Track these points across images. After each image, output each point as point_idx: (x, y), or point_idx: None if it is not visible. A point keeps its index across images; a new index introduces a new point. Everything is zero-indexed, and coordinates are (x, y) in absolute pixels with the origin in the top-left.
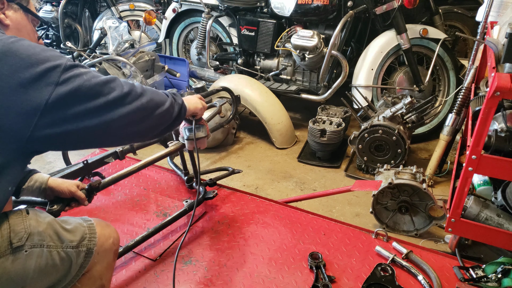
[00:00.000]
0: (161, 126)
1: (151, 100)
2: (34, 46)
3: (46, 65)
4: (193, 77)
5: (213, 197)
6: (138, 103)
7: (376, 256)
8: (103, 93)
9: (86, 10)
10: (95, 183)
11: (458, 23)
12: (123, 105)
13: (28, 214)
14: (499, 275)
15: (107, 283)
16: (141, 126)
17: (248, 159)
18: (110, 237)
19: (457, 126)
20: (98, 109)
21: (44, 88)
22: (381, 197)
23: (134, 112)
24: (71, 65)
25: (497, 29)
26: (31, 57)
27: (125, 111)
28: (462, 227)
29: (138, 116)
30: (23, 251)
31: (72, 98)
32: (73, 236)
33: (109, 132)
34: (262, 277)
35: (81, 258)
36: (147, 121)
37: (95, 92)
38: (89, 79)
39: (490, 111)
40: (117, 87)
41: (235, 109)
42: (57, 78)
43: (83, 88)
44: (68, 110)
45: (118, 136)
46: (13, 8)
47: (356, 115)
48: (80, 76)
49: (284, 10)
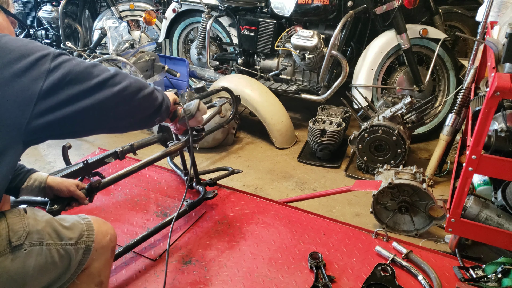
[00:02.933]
0: (149, 109)
1: (135, 82)
2: (20, 39)
3: (37, 54)
4: (193, 77)
5: (213, 197)
6: (124, 83)
7: (376, 256)
8: (94, 75)
9: (86, 10)
10: (95, 183)
11: (458, 23)
12: (112, 85)
13: (26, 213)
14: (499, 275)
15: (105, 280)
16: (130, 105)
17: (248, 159)
18: (107, 234)
19: (457, 126)
20: (91, 89)
21: (37, 76)
22: (381, 197)
23: (121, 90)
24: (59, 53)
25: (497, 29)
26: (21, 48)
27: (114, 90)
28: (462, 227)
29: (126, 95)
30: (23, 250)
31: (65, 82)
32: (72, 233)
33: (102, 111)
34: (262, 277)
35: (80, 255)
36: (135, 100)
37: (86, 74)
38: (77, 63)
39: (490, 111)
40: (104, 70)
41: (235, 109)
42: (48, 66)
43: (73, 72)
44: (62, 95)
45: (112, 117)
46: None
47: (356, 115)
48: (68, 61)
49: (284, 10)
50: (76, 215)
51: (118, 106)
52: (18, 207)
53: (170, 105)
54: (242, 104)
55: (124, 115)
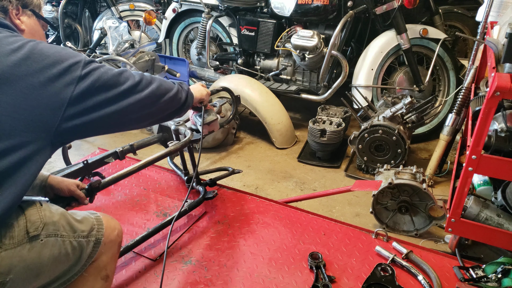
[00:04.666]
0: (171, 109)
1: (160, 86)
2: (54, 46)
3: (69, 61)
4: (193, 77)
5: (213, 197)
6: (149, 89)
7: (376, 256)
8: (120, 83)
9: (86, 10)
10: (95, 183)
11: (458, 23)
12: (137, 92)
13: (42, 205)
14: (499, 275)
15: (111, 274)
16: (153, 109)
17: (248, 159)
18: (115, 229)
19: (457, 126)
20: (116, 97)
21: (69, 82)
22: (381, 197)
23: (146, 97)
24: (89, 61)
25: (497, 29)
26: (55, 54)
27: (138, 97)
28: (462, 227)
29: (150, 100)
30: (39, 240)
31: (94, 89)
32: (84, 226)
33: (126, 116)
34: (262, 277)
35: (90, 247)
36: (158, 104)
37: (112, 82)
38: (105, 71)
39: (490, 111)
40: (130, 76)
41: (235, 109)
42: (79, 73)
43: (101, 80)
44: (90, 101)
45: (134, 120)
46: (27, 14)
47: (356, 115)
48: (97, 69)
49: (284, 10)
50: (85, 211)
51: (142, 110)
52: (33, 199)
53: (192, 103)
54: (242, 104)
55: (146, 118)
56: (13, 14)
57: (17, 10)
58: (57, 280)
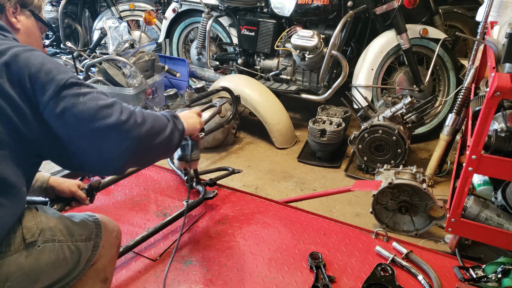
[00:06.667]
0: (159, 157)
1: (151, 129)
2: (45, 57)
3: (49, 76)
4: (193, 77)
5: (213, 197)
6: (136, 133)
7: (376, 256)
8: (96, 118)
9: (86, 10)
10: (95, 183)
11: (458, 23)
12: (119, 132)
13: (38, 211)
14: (499, 275)
15: (110, 276)
16: (136, 157)
17: (248, 159)
18: (114, 231)
19: (457, 126)
20: (89, 133)
21: (41, 98)
22: (381, 197)
23: (131, 140)
24: (72, 83)
25: (497, 29)
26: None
27: (119, 139)
28: (462, 227)
29: (134, 146)
30: (36, 246)
31: (61, 118)
32: (82, 230)
33: (99, 159)
34: (262, 277)
35: (89, 251)
36: (144, 152)
37: (87, 115)
38: (85, 101)
39: (490, 111)
40: (115, 112)
41: (235, 109)
42: (51, 94)
43: (74, 109)
44: (58, 129)
45: (110, 163)
46: (25, 14)
47: (356, 115)
48: (76, 96)
49: (284, 10)
50: (83, 213)
51: (122, 156)
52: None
53: (180, 141)
54: (242, 104)
55: (125, 166)
56: (10, 12)
57: (15, 8)
58: (55, 284)
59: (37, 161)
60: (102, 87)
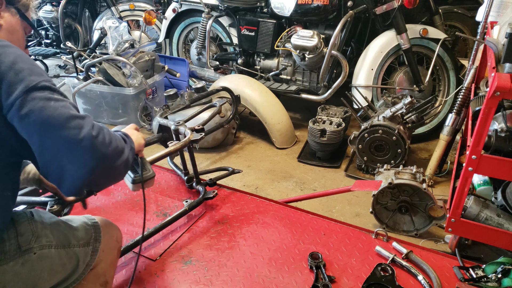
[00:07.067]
0: (114, 180)
1: (116, 149)
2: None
3: (19, 76)
4: (193, 77)
5: (213, 197)
6: (103, 151)
7: (376, 256)
8: (65, 127)
9: (86, 10)
10: None
11: (458, 23)
12: (87, 147)
13: (33, 216)
14: (499, 275)
15: (110, 280)
16: (96, 177)
17: (248, 159)
18: (114, 235)
19: (457, 126)
20: (55, 142)
21: (5, 99)
22: (381, 197)
23: (98, 159)
24: (45, 86)
25: (497, 29)
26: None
27: (86, 156)
28: (462, 227)
29: (99, 164)
30: (32, 253)
31: (25, 121)
32: (80, 234)
33: (59, 172)
34: (262, 277)
35: (88, 256)
36: (105, 172)
37: (56, 122)
38: (56, 107)
39: (490, 111)
40: (86, 125)
41: (235, 109)
42: (19, 93)
43: (43, 114)
44: (21, 132)
45: (69, 180)
46: (11, 11)
47: (356, 115)
48: (47, 100)
49: (284, 10)
50: (82, 216)
51: (86, 174)
52: (23, 210)
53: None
54: (242, 104)
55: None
56: None
57: (0, 3)
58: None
59: (16, 161)
60: (102, 87)
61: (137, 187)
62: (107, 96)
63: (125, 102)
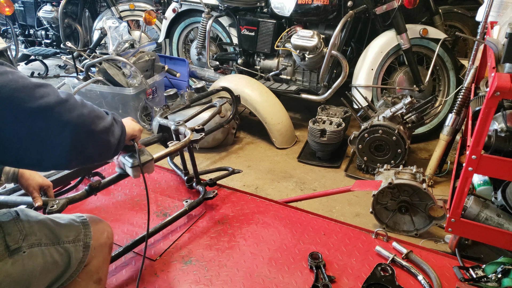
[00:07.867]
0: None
1: (92, 112)
2: None
3: None
4: (193, 77)
5: (213, 197)
6: (79, 112)
7: (376, 256)
8: (34, 97)
9: (86, 10)
10: (95, 183)
11: (458, 23)
12: (61, 112)
13: (19, 215)
14: (499, 275)
15: (104, 277)
16: (81, 145)
17: (248, 159)
18: (104, 231)
19: (457, 126)
20: (28, 115)
21: None
22: (381, 197)
23: (74, 120)
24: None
25: (497, 29)
26: None
27: (62, 119)
28: (462, 227)
29: (78, 127)
30: (21, 253)
31: None
32: (68, 231)
33: (39, 148)
34: (262, 277)
35: (80, 252)
36: (88, 139)
37: (23, 95)
38: (15, 79)
39: (490, 111)
40: (52, 92)
41: (235, 109)
42: None
43: (6, 88)
44: None
45: (52, 151)
46: None
47: (356, 115)
48: (4, 74)
49: (284, 10)
50: (71, 214)
51: (65, 141)
52: (8, 210)
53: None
54: (242, 104)
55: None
56: None
57: None
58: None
59: None
60: (102, 87)
61: (137, 171)
62: (107, 96)
63: (125, 102)
